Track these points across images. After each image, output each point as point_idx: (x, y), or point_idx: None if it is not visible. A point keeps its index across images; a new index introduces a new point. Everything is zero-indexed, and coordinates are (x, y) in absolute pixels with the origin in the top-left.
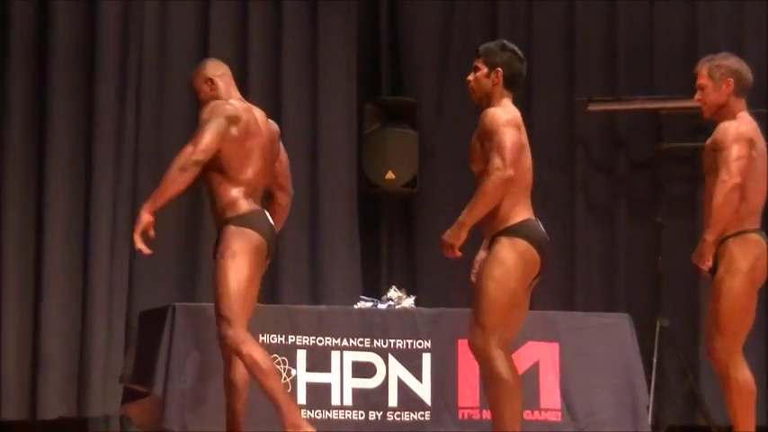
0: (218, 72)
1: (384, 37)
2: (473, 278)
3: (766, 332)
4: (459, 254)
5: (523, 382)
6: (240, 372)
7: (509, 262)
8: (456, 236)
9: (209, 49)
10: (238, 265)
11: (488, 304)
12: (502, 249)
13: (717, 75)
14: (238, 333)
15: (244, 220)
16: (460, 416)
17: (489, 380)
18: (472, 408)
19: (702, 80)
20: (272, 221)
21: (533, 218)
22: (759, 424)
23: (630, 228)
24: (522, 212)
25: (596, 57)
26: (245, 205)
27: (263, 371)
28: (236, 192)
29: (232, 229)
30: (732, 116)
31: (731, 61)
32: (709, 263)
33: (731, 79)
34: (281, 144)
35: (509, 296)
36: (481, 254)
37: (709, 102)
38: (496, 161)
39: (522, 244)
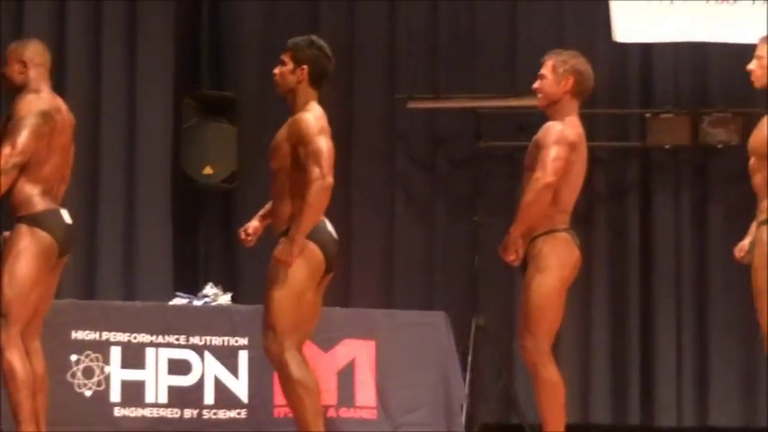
0: (37, 60)
1: (204, 31)
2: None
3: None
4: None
5: (339, 380)
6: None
7: (294, 264)
8: (288, 252)
9: None
10: (22, 267)
11: (278, 309)
12: (285, 252)
13: (560, 69)
14: (9, 336)
15: (35, 220)
16: (276, 414)
17: (287, 383)
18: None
19: (545, 71)
20: (68, 220)
21: (322, 219)
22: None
23: (449, 226)
24: None
25: (417, 55)
26: (40, 204)
27: (17, 383)
28: (32, 189)
29: (23, 228)
30: (562, 116)
31: (578, 61)
32: (513, 257)
33: (572, 78)
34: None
35: (297, 298)
36: None
37: (545, 93)
38: (315, 171)
39: (308, 246)
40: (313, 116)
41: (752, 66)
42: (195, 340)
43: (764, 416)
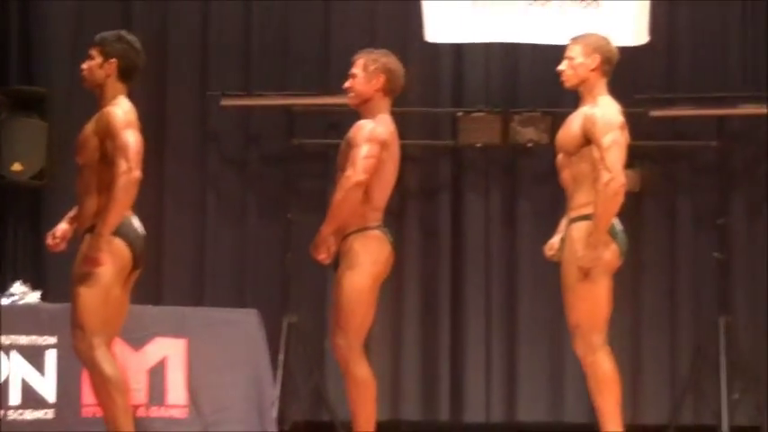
0: None
1: (14, 25)
2: None
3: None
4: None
5: (150, 379)
6: None
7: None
8: (96, 248)
9: None
10: None
11: (85, 307)
12: (93, 248)
13: (371, 68)
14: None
15: None
16: (84, 414)
17: (97, 382)
18: (96, 405)
19: (356, 69)
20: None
21: (128, 214)
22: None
23: (261, 223)
24: None
25: (230, 52)
26: None
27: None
28: None
29: None
30: (373, 114)
31: (389, 60)
32: (324, 255)
33: (383, 76)
34: None
35: (104, 296)
36: None
37: (356, 91)
38: (122, 165)
39: (112, 241)
40: (121, 110)
41: (562, 66)
42: (1, 339)
43: (571, 411)
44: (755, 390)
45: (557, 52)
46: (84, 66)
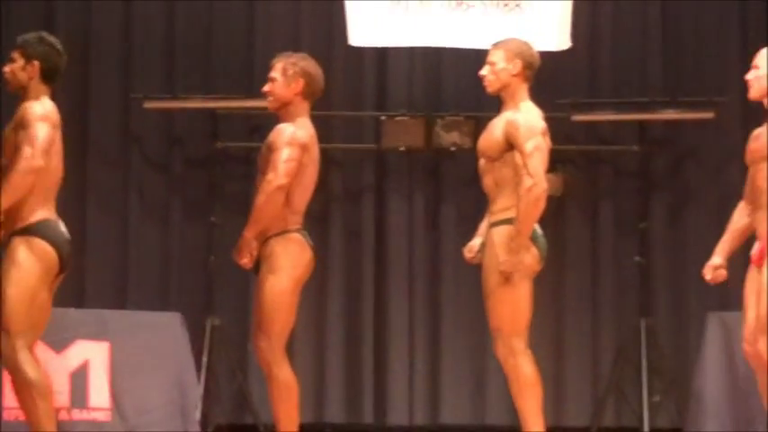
0: None
1: None
2: None
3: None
4: None
5: (72, 382)
6: None
7: (27, 263)
8: None
9: None
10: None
11: (11, 309)
12: (19, 251)
13: (290, 72)
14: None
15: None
16: (6, 417)
17: (20, 385)
18: (19, 408)
19: (275, 73)
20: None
21: (54, 218)
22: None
23: (185, 226)
24: (42, 212)
25: (154, 54)
26: None
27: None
28: None
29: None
30: (293, 118)
31: (308, 64)
32: (246, 259)
33: (302, 80)
34: None
35: (30, 298)
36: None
37: (276, 95)
38: (26, 150)
39: (39, 244)
40: (40, 105)
41: (484, 71)
42: None
43: (493, 413)
44: (676, 392)
45: (480, 56)
46: (7, 69)
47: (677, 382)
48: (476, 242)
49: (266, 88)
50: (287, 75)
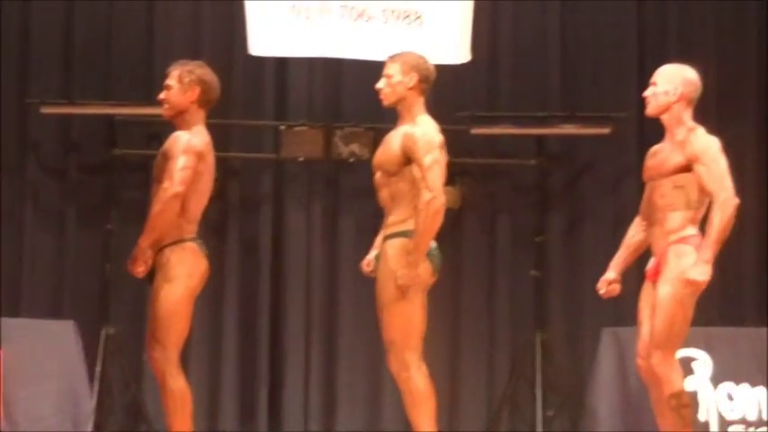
0: None
1: None
2: None
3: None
4: None
5: None
6: None
7: None
8: None
9: None
10: None
11: None
12: None
13: (186, 80)
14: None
15: None
16: None
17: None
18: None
19: (171, 81)
20: None
21: None
22: None
23: (80, 234)
24: None
25: (51, 58)
26: None
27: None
28: None
29: None
30: (189, 126)
31: (204, 72)
32: (141, 268)
33: (198, 88)
34: None
35: None
36: None
37: (171, 103)
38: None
39: None
40: None
41: (380, 85)
42: None
43: (388, 421)
44: (570, 405)
45: (380, 68)
46: None
47: (571, 396)
48: (371, 256)
49: (161, 96)
50: (183, 82)
